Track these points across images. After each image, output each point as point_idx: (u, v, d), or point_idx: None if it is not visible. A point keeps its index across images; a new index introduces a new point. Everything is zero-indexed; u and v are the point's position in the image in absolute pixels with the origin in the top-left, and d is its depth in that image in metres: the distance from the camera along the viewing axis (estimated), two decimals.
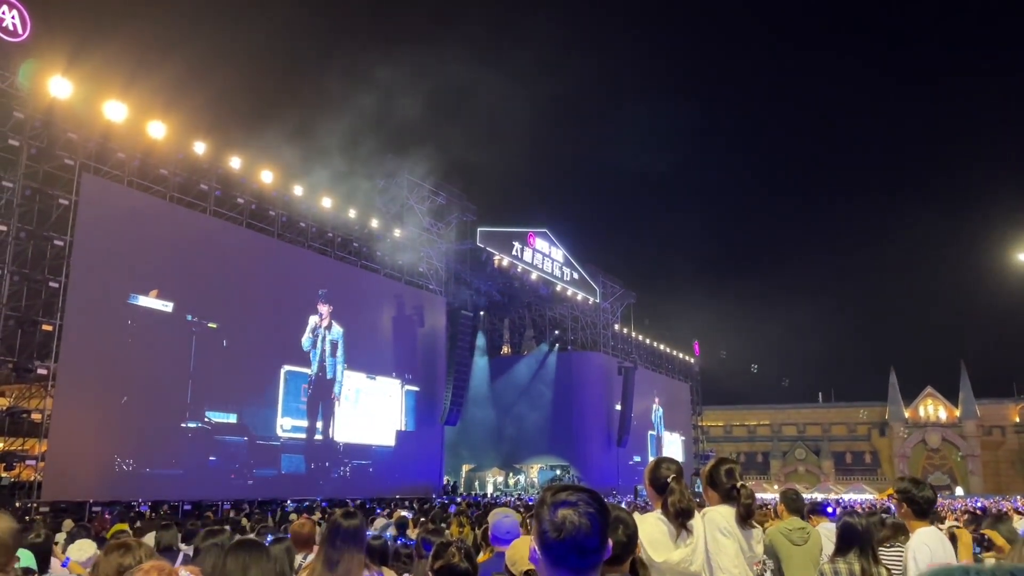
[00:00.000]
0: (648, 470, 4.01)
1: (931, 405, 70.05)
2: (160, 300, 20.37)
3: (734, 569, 3.83)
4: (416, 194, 31.54)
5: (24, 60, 18.34)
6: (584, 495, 1.84)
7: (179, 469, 20.65)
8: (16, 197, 17.88)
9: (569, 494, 1.83)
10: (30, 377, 18.23)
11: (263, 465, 23.39)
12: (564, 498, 1.82)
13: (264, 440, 23.52)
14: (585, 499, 1.82)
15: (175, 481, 20.48)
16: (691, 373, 60.12)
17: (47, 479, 17.31)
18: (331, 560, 3.66)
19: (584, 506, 1.80)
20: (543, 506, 1.84)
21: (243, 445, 22.78)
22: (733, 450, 71.61)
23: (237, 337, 22.50)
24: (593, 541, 1.77)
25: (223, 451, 22.20)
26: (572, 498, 1.82)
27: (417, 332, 30.90)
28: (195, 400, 21.31)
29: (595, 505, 1.82)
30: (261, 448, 23.35)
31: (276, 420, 24.03)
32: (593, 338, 45.73)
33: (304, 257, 26.18)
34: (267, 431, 23.70)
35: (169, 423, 20.53)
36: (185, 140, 21.98)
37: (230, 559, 3.39)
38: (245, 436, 22.83)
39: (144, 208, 20.66)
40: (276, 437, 24.00)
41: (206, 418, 21.66)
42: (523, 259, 36.85)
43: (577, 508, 1.79)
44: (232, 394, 22.62)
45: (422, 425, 30.45)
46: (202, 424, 21.53)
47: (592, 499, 1.84)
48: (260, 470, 23.22)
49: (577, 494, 1.84)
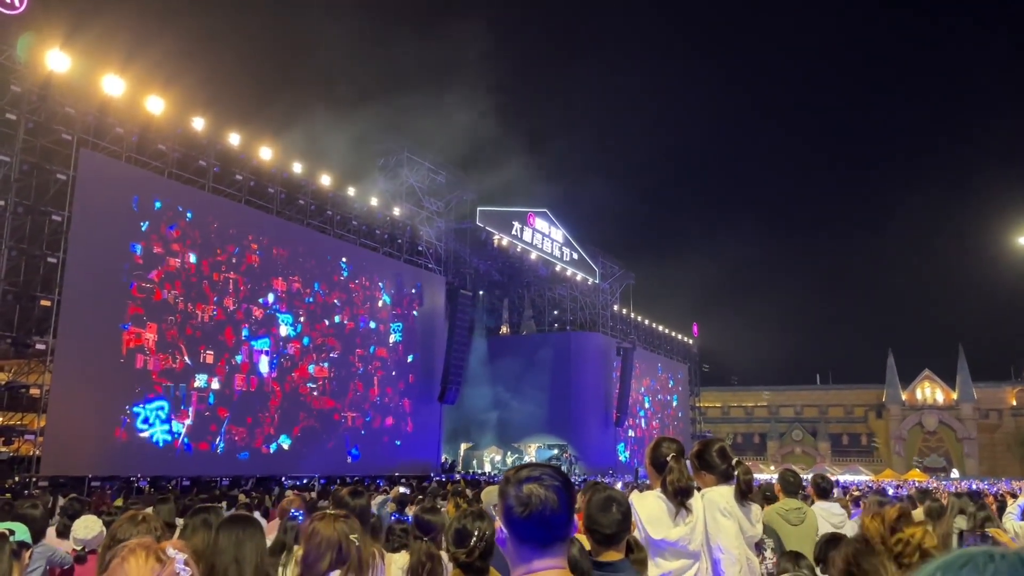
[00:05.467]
0: (649, 449, 4.01)
1: (928, 388, 70.23)
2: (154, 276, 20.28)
3: (734, 550, 3.82)
4: (416, 173, 31.42)
5: (22, 33, 18.16)
6: (548, 470, 1.84)
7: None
8: (14, 172, 17.79)
9: (531, 470, 1.84)
10: (29, 352, 18.24)
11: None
12: (527, 474, 1.82)
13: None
14: (549, 473, 1.82)
15: (166, 456, 20.46)
16: (689, 354, 60.27)
17: (46, 454, 17.34)
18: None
19: (549, 479, 1.80)
20: (508, 484, 1.83)
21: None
22: (730, 431, 71.92)
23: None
24: (560, 516, 1.77)
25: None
26: (535, 473, 1.82)
27: (416, 311, 30.90)
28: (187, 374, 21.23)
29: (559, 479, 1.82)
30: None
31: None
32: (592, 318, 45.76)
33: (303, 234, 26.09)
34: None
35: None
36: (183, 115, 21.84)
37: (222, 535, 3.30)
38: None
39: (142, 183, 20.55)
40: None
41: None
42: (523, 239, 36.80)
43: (542, 482, 1.79)
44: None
45: (420, 403, 30.51)
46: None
47: (556, 474, 1.83)
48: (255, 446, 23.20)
49: (540, 469, 1.84)
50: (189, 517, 3.92)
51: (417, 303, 30.96)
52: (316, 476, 24.07)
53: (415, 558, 4.24)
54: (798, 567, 4.31)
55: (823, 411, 73.91)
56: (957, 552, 0.65)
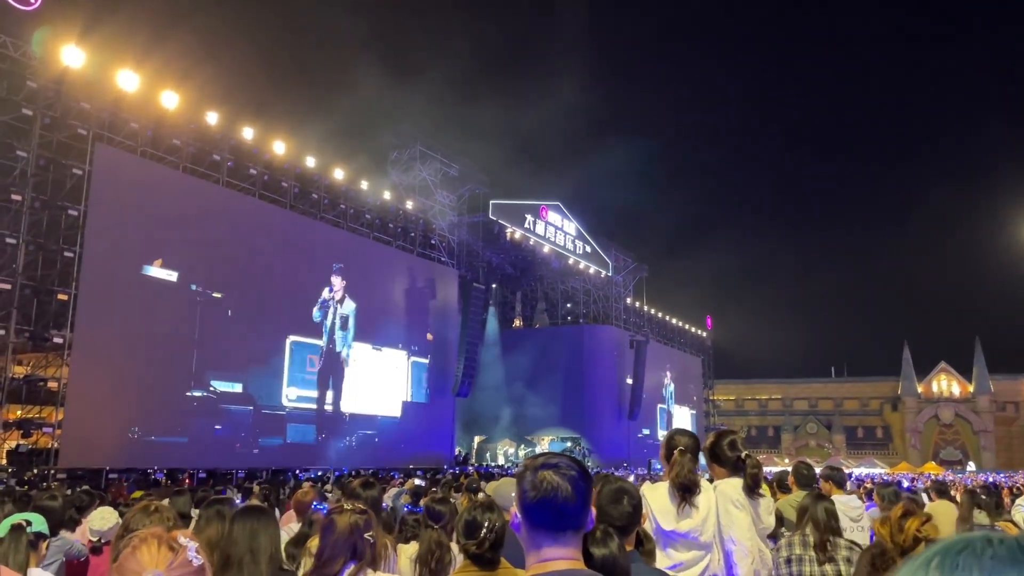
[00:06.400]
0: (664, 442, 4.03)
1: (944, 380, 69.74)
2: (165, 269, 20.27)
3: (746, 542, 3.82)
4: (429, 165, 31.43)
5: (37, 28, 18.28)
6: (566, 459, 1.85)
7: (184, 437, 20.75)
8: (30, 167, 17.93)
9: (550, 458, 1.85)
10: (46, 346, 18.42)
11: (269, 434, 23.53)
12: (544, 461, 1.83)
13: (270, 410, 23.61)
14: (567, 463, 1.83)
15: (181, 449, 20.64)
16: (703, 347, 60.06)
17: (64, 446, 17.52)
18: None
19: (566, 468, 1.80)
20: (526, 470, 1.84)
21: (249, 414, 22.87)
22: (744, 424, 71.66)
23: (243, 307, 22.47)
24: (572, 503, 1.77)
25: (229, 420, 22.28)
26: (553, 461, 1.83)
27: (429, 305, 30.95)
28: (199, 369, 21.33)
29: (576, 469, 1.82)
30: (267, 417, 23.44)
31: (282, 390, 24.15)
32: (605, 311, 45.67)
33: (316, 228, 26.19)
34: (273, 400, 23.82)
35: (174, 392, 20.62)
36: (197, 110, 21.93)
37: (236, 525, 3.31)
38: (251, 405, 22.95)
39: (157, 178, 20.67)
40: (282, 407, 24.13)
41: (211, 387, 21.75)
42: (535, 232, 36.74)
43: (558, 469, 1.80)
44: (238, 363, 22.59)
45: (434, 396, 30.59)
46: (207, 393, 21.63)
47: (574, 463, 1.84)
48: (266, 439, 23.35)
49: (559, 458, 1.85)
50: (203, 509, 3.96)
51: (430, 297, 31.02)
52: (331, 468, 24.22)
53: (424, 546, 4.27)
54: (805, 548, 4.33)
55: (838, 404, 73.52)
56: (957, 536, 0.65)
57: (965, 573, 0.60)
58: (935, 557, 0.62)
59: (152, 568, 1.49)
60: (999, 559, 0.59)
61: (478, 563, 3.08)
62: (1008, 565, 0.59)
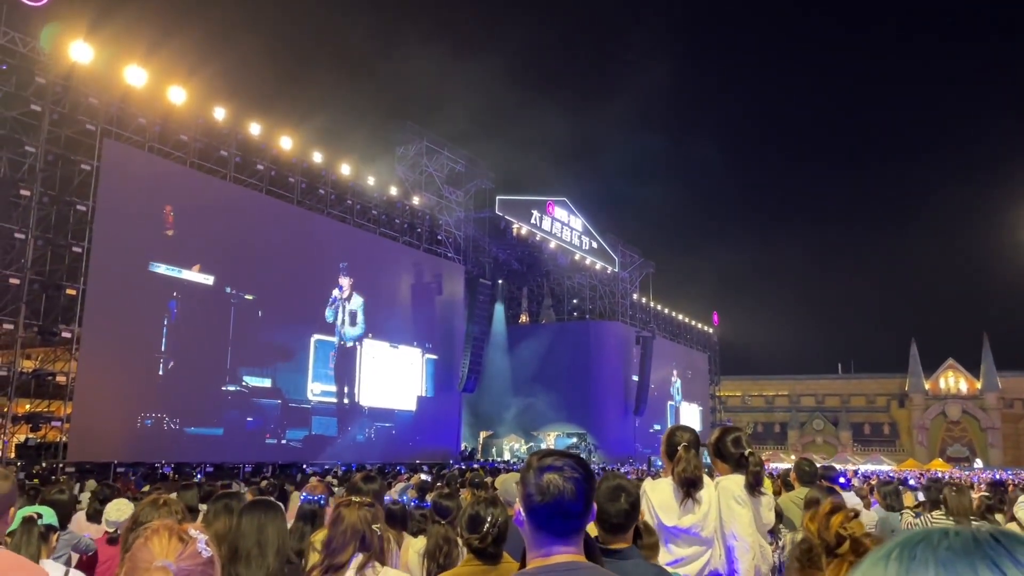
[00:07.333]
0: (664, 438, 4.05)
1: (952, 377, 69.46)
2: (203, 274, 21.14)
3: (748, 537, 3.85)
4: (435, 161, 31.44)
5: (45, 24, 18.35)
6: (570, 460, 1.86)
7: (219, 429, 21.60)
8: (39, 162, 18.01)
9: (555, 459, 1.85)
10: (55, 340, 18.52)
11: (296, 426, 24.42)
12: (550, 463, 1.83)
13: (296, 403, 24.50)
14: (571, 464, 1.84)
15: (214, 441, 21.32)
16: (709, 343, 60.01)
17: (72, 440, 17.65)
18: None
19: (570, 471, 1.82)
20: (529, 470, 1.85)
21: (277, 407, 23.83)
22: (750, 420, 71.54)
23: (271, 307, 23.35)
24: (577, 506, 1.79)
25: (259, 412, 23.20)
26: (558, 463, 1.83)
27: (436, 300, 31.02)
28: (233, 365, 22.29)
29: (580, 471, 1.83)
30: (293, 410, 24.35)
31: (307, 385, 24.99)
32: (611, 307, 45.67)
33: (323, 224, 26.28)
34: (299, 395, 24.70)
35: (212, 386, 21.65)
36: (205, 106, 22.00)
37: (245, 518, 3.35)
38: (279, 399, 23.89)
39: (165, 173, 20.77)
40: (307, 400, 24.95)
41: (243, 382, 22.62)
42: (542, 228, 36.74)
43: (563, 472, 1.81)
44: (267, 360, 23.49)
45: (441, 392, 30.69)
46: (240, 387, 22.55)
47: (578, 465, 1.85)
48: (292, 431, 24.25)
49: (563, 459, 1.85)
50: (212, 503, 4.01)
51: (437, 292, 31.08)
52: (337, 463, 24.34)
53: (432, 542, 4.30)
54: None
55: (845, 400, 73.32)
56: (919, 529, 0.69)
57: (921, 564, 0.64)
58: (895, 549, 0.67)
59: (163, 558, 1.53)
60: (954, 550, 0.64)
61: (481, 558, 3.12)
62: (961, 557, 0.63)
